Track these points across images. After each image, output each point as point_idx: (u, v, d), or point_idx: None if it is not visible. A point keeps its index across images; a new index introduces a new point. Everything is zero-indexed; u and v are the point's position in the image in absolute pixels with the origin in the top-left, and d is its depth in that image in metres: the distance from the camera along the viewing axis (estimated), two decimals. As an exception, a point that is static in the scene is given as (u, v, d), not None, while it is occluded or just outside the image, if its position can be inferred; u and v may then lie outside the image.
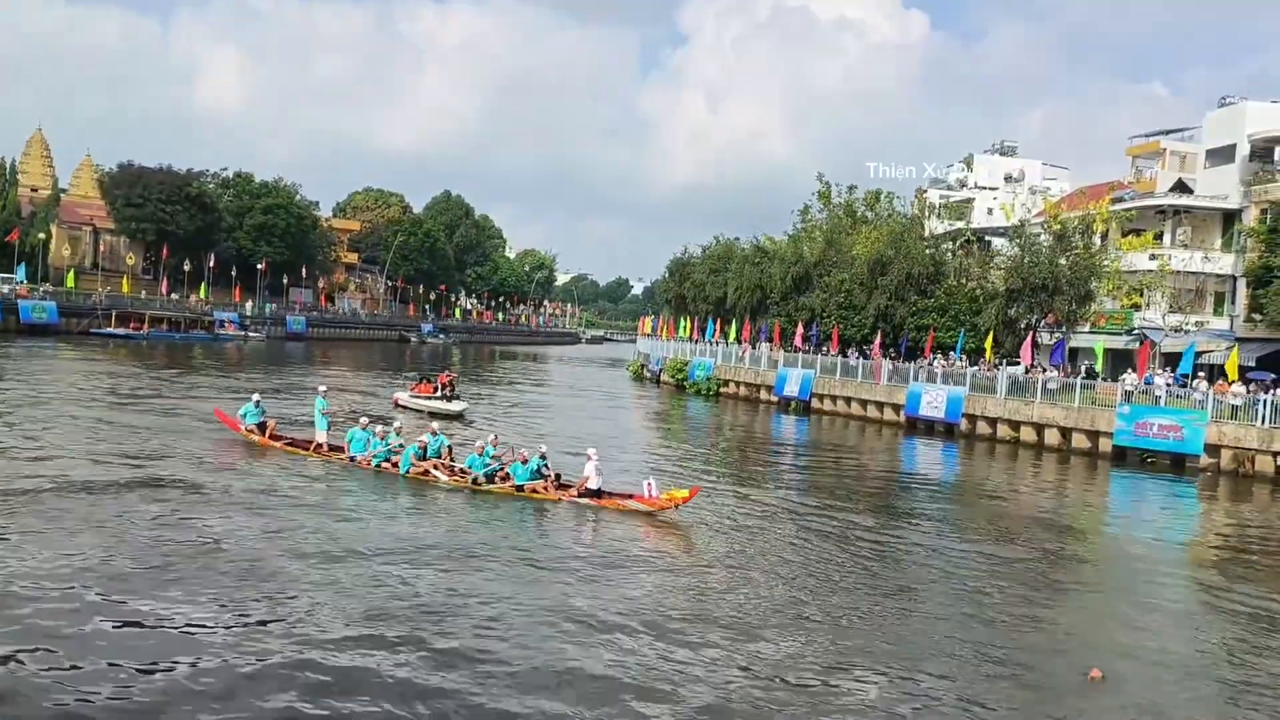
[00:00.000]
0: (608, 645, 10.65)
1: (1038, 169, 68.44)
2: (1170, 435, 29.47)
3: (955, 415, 35.79)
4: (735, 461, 27.81)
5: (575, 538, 15.94)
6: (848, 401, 41.95)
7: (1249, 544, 19.90)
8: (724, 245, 66.74)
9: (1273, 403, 28.37)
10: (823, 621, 12.23)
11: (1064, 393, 33.61)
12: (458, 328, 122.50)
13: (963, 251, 49.75)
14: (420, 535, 15.14)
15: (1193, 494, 26.29)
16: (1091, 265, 38.83)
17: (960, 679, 10.40)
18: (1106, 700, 10.05)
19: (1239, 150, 42.90)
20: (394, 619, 10.97)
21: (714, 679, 9.91)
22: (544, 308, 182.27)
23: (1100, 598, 15.00)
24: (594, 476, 17.91)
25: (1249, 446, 28.31)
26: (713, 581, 13.76)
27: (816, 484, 23.94)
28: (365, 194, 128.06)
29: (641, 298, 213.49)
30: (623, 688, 9.51)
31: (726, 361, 52.35)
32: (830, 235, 53.91)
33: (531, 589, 12.54)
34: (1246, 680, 11.00)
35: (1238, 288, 42.04)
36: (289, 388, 38.68)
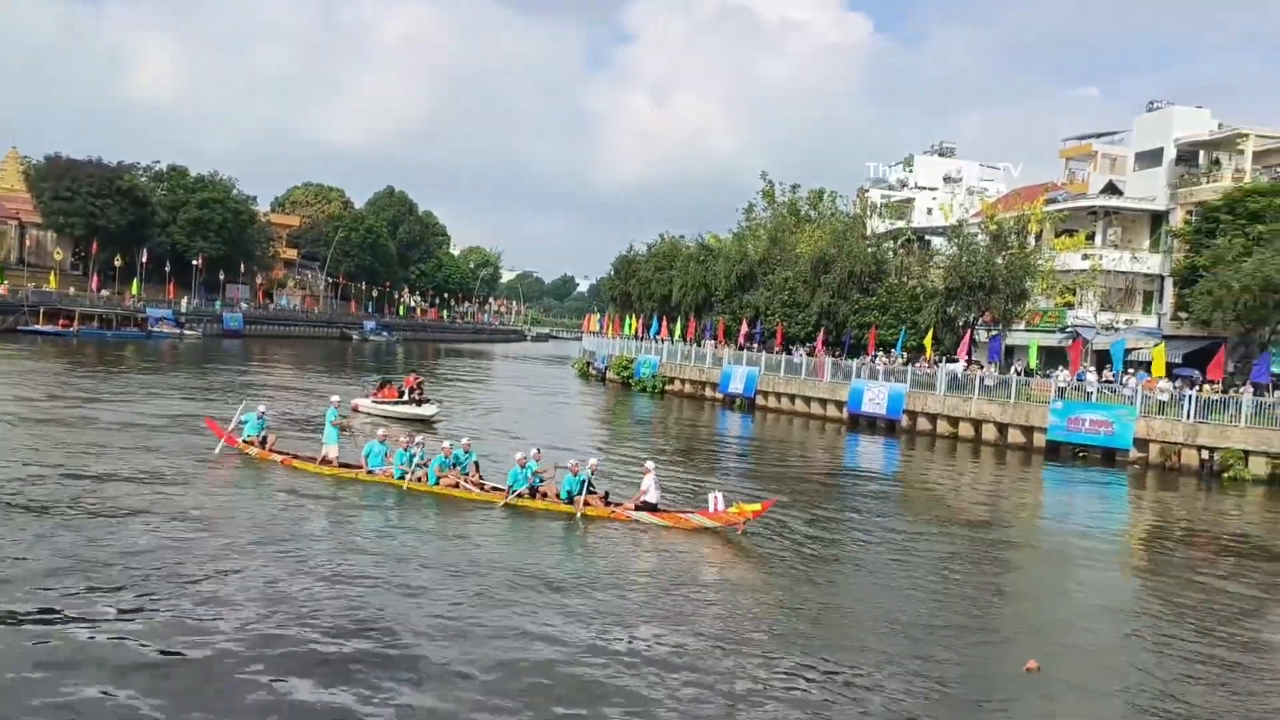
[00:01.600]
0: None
1: (975, 170, 69.82)
2: (1101, 430, 30.35)
3: (896, 412, 36.41)
4: (682, 459, 27.92)
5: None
6: (792, 399, 42.41)
7: (1176, 535, 20.60)
8: (669, 243, 66.95)
9: (1197, 398, 29.43)
10: (759, 615, 12.36)
11: (1000, 389, 34.41)
12: (401, 325, 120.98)
13: (903, 250, 50.62)
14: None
15: (1123, 487, 27.13)
16: (1026, 265, 39.79)
17: (898, 672, 10.58)
18: (1043, 690, 10.32)
19: (1166, 154, 44.30)
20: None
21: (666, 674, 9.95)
22: (489, 305, 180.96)
23: (1036, 589, 15.40)
24: (653, 490, 16.73)
25: (1175, 440, 29.29)
26: (668, 580, 13.81)
27: (760, 479, 24.14)
28: (305, 189, 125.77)
29: (587, 295, 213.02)
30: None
31: (672, 359, 52.54)
32: (774, 234, 54.41)
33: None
34: (1175, 667, 11.39)
35: (1165, 287, 43.42)
36: (229, 386, 37.85)
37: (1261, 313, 33.02)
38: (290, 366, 55.31)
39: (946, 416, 35.11)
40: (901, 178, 69.67)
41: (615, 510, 16.66)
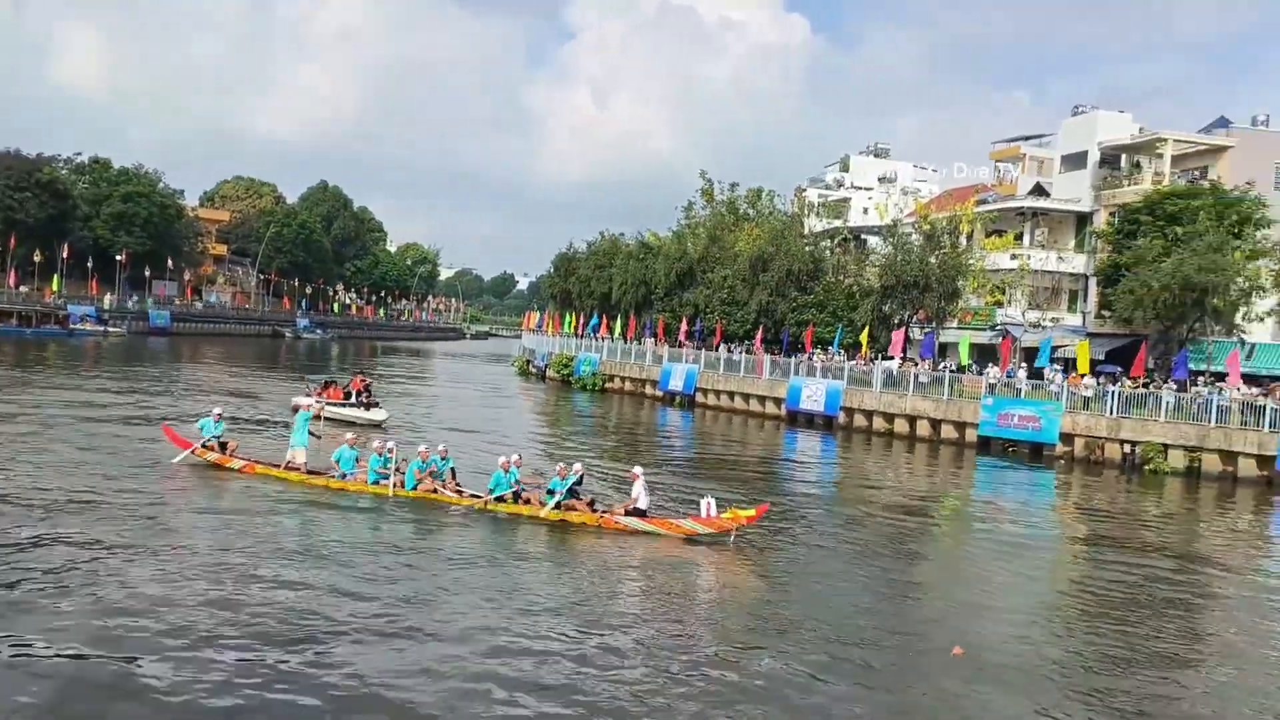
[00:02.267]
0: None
1: (909, 170, 71.21)
2: (1029, 425, 31.23)
3: (834, 408, 36.96)
4: (624, 454, 27.94)
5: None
6: (731, 396, 42.77)
7: (1099, 526, 21.30)
8: (609, 241, 66.98)
9: (1120, 394, 30.47)
10: (682, 606, 12.46)
11: (934, 386, 35.17)
12: (336, 323, 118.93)
13: (840, 249, 51.37)
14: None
15: (1049, 480, 27.97)
16: (958, 264, 40.71)
17: (827, 659, 10.79)
18: (968, 675, 10.60)
19: (1090, 157, 45.70)
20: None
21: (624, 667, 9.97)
22: (427, 303, 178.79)
23: (964, 579, 15.79)
24: (643, 496, 16.30)
25: (1099, 435, 30.29)
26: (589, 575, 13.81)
27: (700, 475, 24.28)
28: (235, 183, 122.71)
29: (527, 293, 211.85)
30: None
31: (612, 357, 52.56)
32: (713, 232, 54.77)
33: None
34: (1096, 650, 11.79)
35: (1089, 286, 44.81)
36: (160, 388, 36.80)
37: (1179, 311, 34.27)
38: (221, 366, 53.96)
39: (882, 413, 35.77)
40: (838, 178, 70.71)
41: (604, 517, 16.19)
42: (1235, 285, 33.87)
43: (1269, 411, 27.86)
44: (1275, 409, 27.86)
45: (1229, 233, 35.48)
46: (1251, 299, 34.52)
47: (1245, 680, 11.32)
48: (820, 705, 9.56)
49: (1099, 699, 10.18)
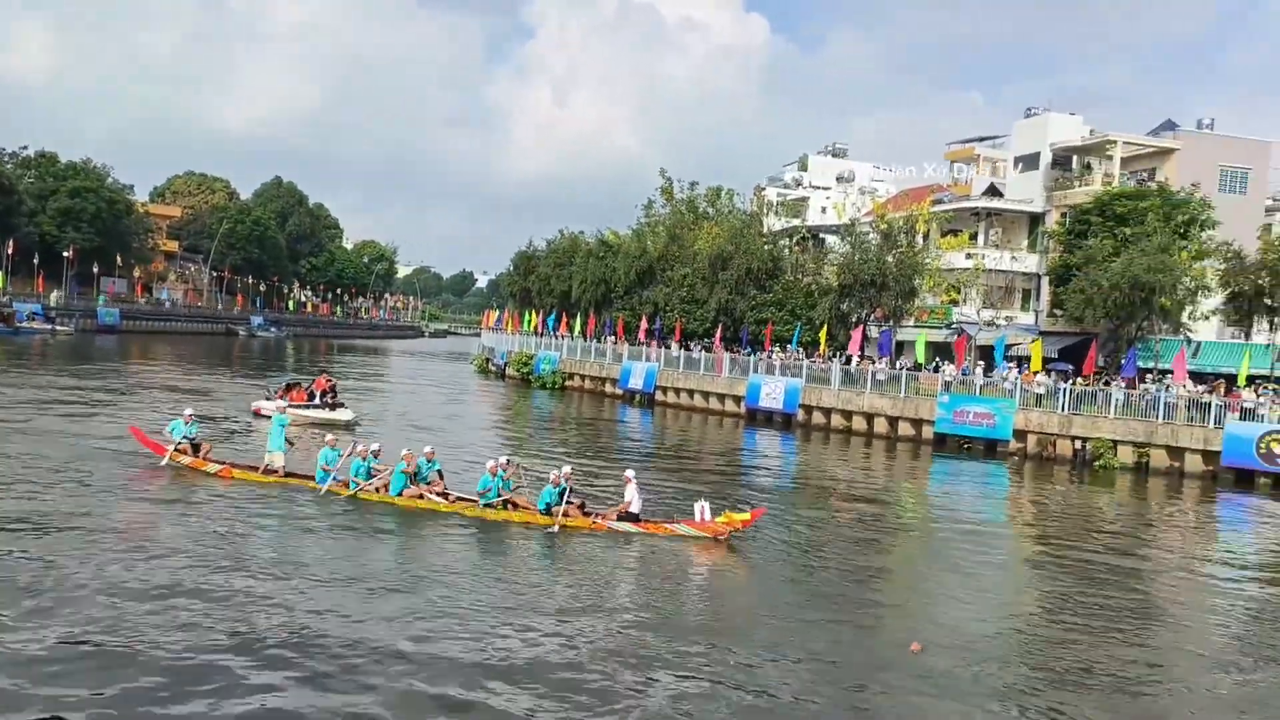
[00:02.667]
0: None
1: (867, 170, 71.96)
2: (984, 422, 31.73)
3: (793, 406, 37.22)
4: (585, 452, 27.90)
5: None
6: (690, 394, 42.88)
7: (1051, 521, 21.72)
8: (569, 239, 66.84)
9: (1071, 391, 31.08)
10: (640, 604, 12.49)
11: (891, 384, 35.57)
12: (291, 321, 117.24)
13: (799, 248, 51.77)
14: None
15: (1003, 476, 28.45)
16: (915, 263, 41.21)
17: (786, 655, 10.87)
18: (926, 670, 10.73)
19: (1043, 158, 46.55)
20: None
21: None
22: (385, 300, 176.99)
23: (921, 574, 16.02)
24: (635, 499, 16.04)
25: (1051, 431, 30.86)
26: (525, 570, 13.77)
27: (660, 472, 24.32)
28: (186, 178, 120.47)
29: (487, 291, 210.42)
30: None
31: (572, 355, 52.45)
32: (673, 230, 54.89)
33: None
34: (1050, 644, 12.01)
35: (1042, 285, 45.63)
36: (113, 387, 35.99)
37: (1128, 310, 35.02)
38: (173, 365, 52.91)
39: (840, 410, 36.10)
40: (796, 177, 71.23)
41: (596, 521, 15.93)
42: (1182, 285, 34.69)
43: (1214, 408, 28.59)
44: (1220, 406, 28.60)
45: (1176, 234, 36.35)
46: (1197, 298, 35.38)
47: (1190, 665, 11.60)
48: (776, 703, 9.61)
49: (1053, 691, 10.36)
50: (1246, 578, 17.13)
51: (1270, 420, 27.76)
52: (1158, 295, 34.02)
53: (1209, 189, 40.57)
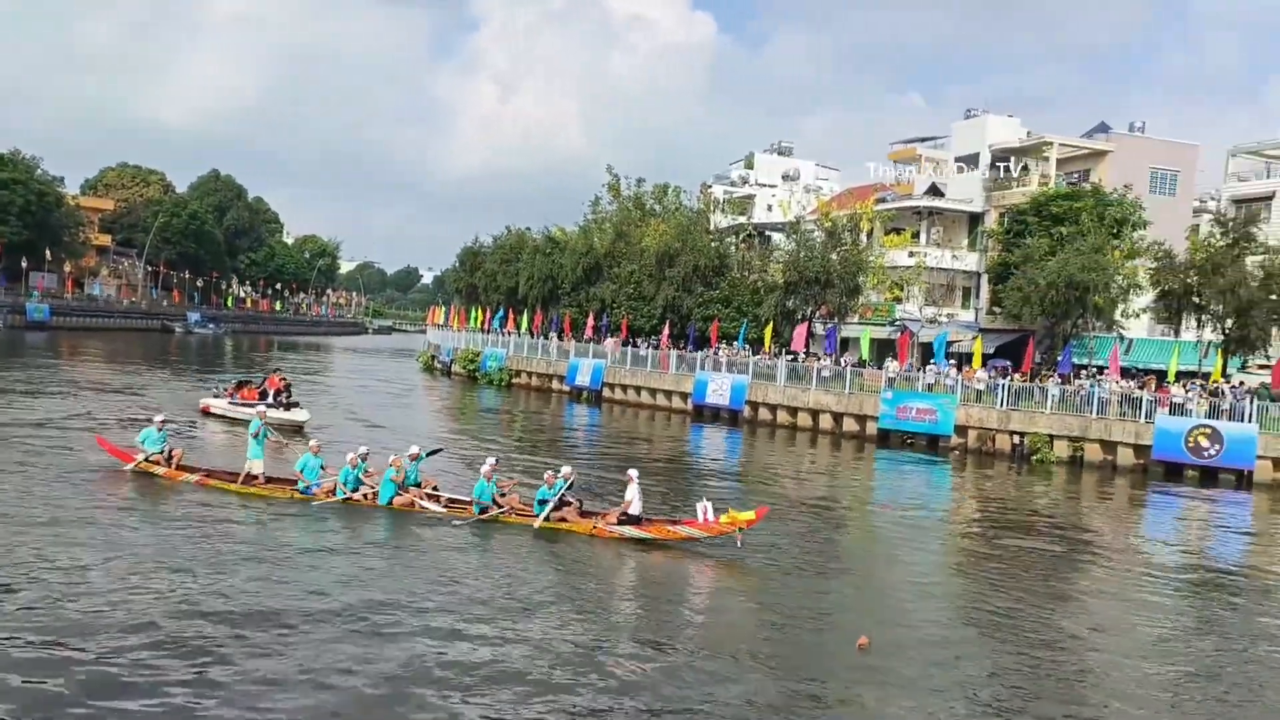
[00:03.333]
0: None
1: (811, 169, 72.67)
2: (926, 418, 32.32)
3: (739, 402, 37.50)
4: (530, 450, 27.80)
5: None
6: (637, 390, 42.95)
7: (991, 514, 22.20)
8: (516, 235, 66.48)
9: (1009, 387, 31.82)
10: (585, 605, 12.51)
11: (836, 380, 36.04)
12: (230, 317, 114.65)
13: (745, 245, 52.12)
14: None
15: (945, 470, 29.01)
16: (859, 261, 41.76)
17: (730, 653, 10.96)
18: (873, 665, 10.90)
19: (982, 159, 47.53)
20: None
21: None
22: (327, 296, 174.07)
23: (866, 568, 16.26)
24: (636, 501, 15.72)
25: (990, 426, 31.56)
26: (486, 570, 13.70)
27: (606, 469, 24.34)
28: (120, 170, 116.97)
29: (432, 287, 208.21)
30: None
31: (519, 352, 52.18)
32: (620, 227, 54.89)
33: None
34: (992, 634, 12.29)
35: (981, 283, 46.61)
36: (46, 387, 34.81)
37: (1064, 307, 35.88)
38: (107, 362, 51.42)
39: (786, 407, 36.47)
40: (743, 175, 71.64)
41: (597, 525, 15.63)
42: (1114, 284, 35.66)
43: (1145, 403, 29.50)
44: (1150, 401, 29.51)
45: (1109, 233, 37.37)
46: (1129, 297, 36.42)
47: (1121, 652, 11.96)
48: (722, 700, 9.68)
49: (994, 681, 10.60)
50: (1175, 566, 17.72)
51: (1198, 415, 28.74)
52: (1092, 293, 34.93)
53: (1140, 190, 41.80)
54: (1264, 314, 33.21)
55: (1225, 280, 33.18)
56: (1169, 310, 36.10)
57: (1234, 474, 27.90)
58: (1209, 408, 28.92)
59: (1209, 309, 34.39)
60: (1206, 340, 35.81)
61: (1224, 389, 30.70)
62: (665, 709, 9.29)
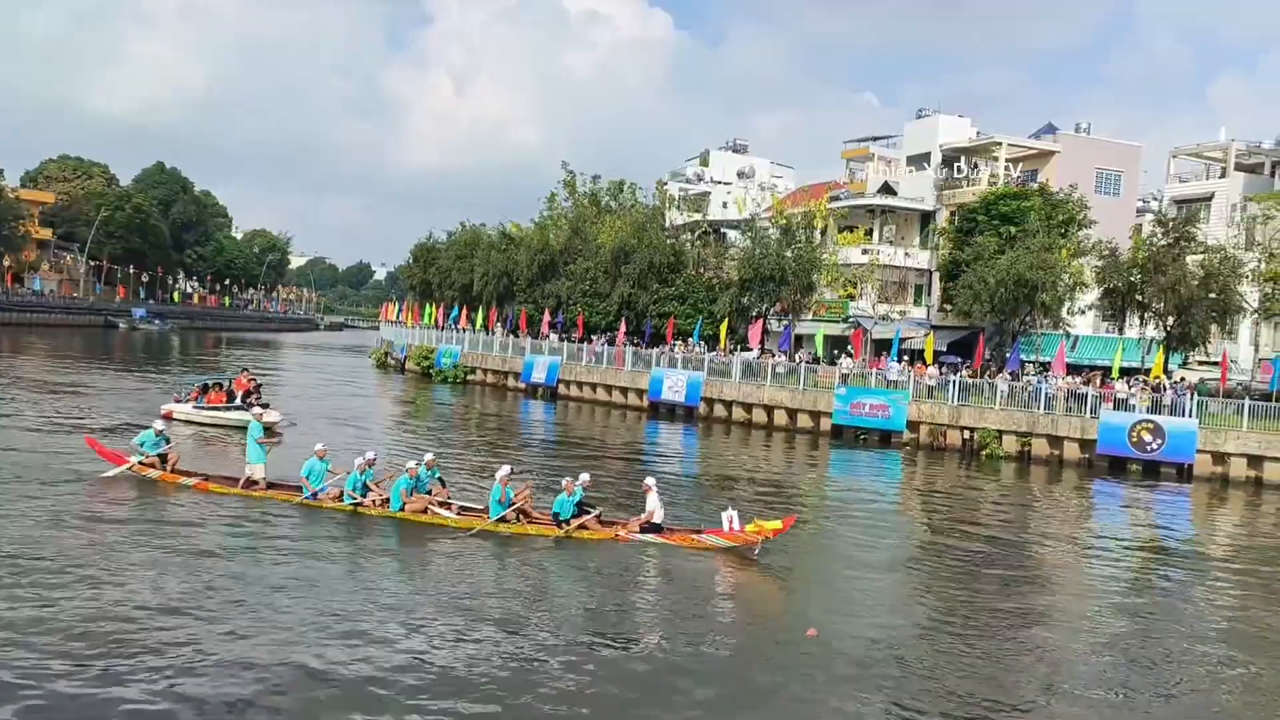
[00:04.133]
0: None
1: (766, 166, 73.12)
2: (879, 414, 32.72)
3: (695, 399, 37.64)
4: (487, 447, 27.61)
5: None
6: (593, 387, 42.90)
7: (940, 507, 22.54)
8: (470, 231, 66.02)
9: (960, 383, 32.35)
10: (533, 597, 12.49)
11: (790, 376, 36.33)
12: (176, 313, 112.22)
13: (700, 242, 52.31)
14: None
15: (897, 465, 29.39)
16: (813, 258, 42.15)
17: (681, 643, 11.03)
18: (821, 654, 11.05)
19: (933, 158, 48.24)
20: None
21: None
22: (277, 292, 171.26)
23: (817, 560, 16.41)
24: (658, 509, 15.47)
25: (941, 422, 32.06)
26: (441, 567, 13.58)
27: (560, 466, 24.25)
28: (61, 163, 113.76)
29: (385, 283, 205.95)
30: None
31: (474, 349, 51.82)
32: (576, 224, 54.77)
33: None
34: (940, 622, 12.47)
35: (933, 281, 47.30)
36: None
37: (1013, 305, 36.58)
38: (47, 360, 50.06)
39: (741, 403, 36.68)
40: (698, 172, 71.88)
41: (619, 534, 15.32)
42: (1061, 282, 36.41)
43: (1090, 399, 30.18)
44: (1095, 397, 30.19)
45: (1056, 232, 38.14)
46: (1075, 294, 37.21)
47: (1067, 641, 12.22)
48: (674, 690, 9.70)
49: (942, 670, 10.76)
50: (1117, 558, 18.16)
51: (1141, 410, 29.46)
52: (1040, 291, 35.62)
53: (1086, 189, 42.72)
54: (1203, 312, 34.14)
55: (1166, 279, 34.04)
56: (1113, 308, 36.94)
57: (1175, 468, 28.65)
58: (1151, 403, 29.67)
59: (1151, 307, 35.26)
60: (1149, 337, 36.73)
61: (1165, 385, 31.52)
62: (621, 695, 9.28)
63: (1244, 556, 19.02)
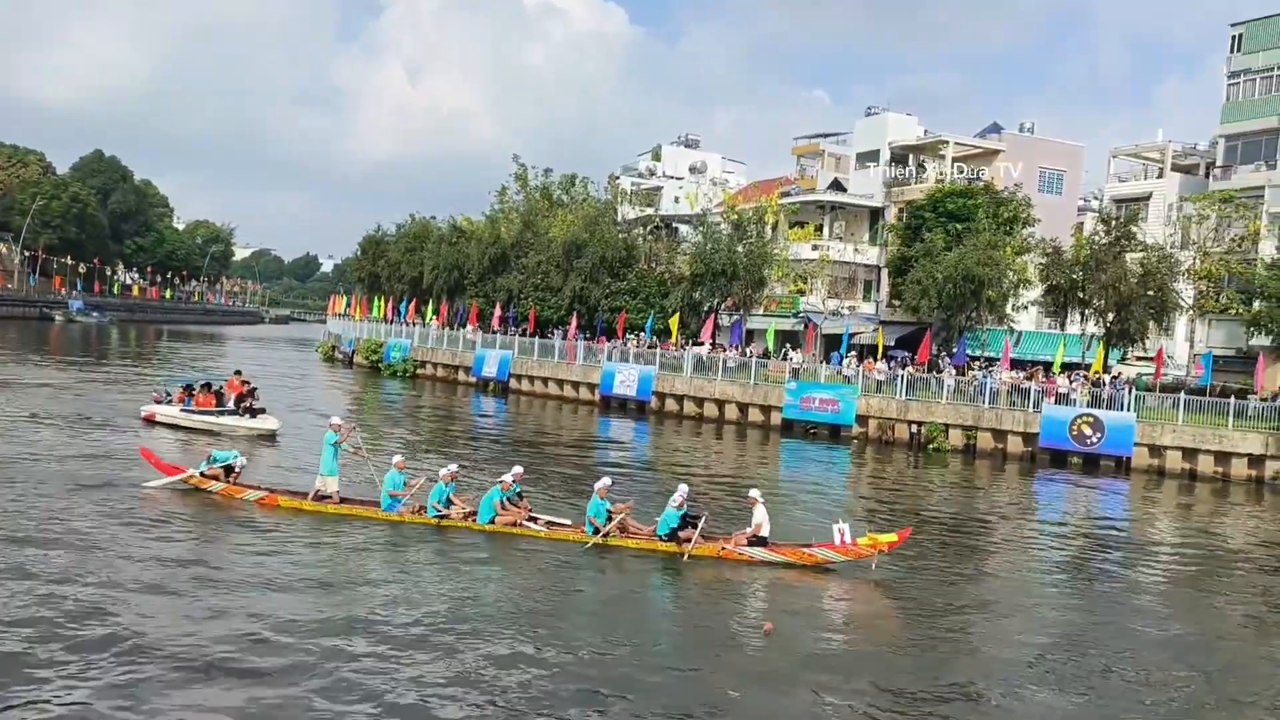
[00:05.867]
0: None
1: (718, 162, 73.40)
2: (829, 408, 33.06)
3: (646, 393, 37.68)
4: (437, 443, 27.32)
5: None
6: (545, 381, 42.73)
7: (887, 500, 22.83)
8: (420, 223, 65.29)
9: (907, 378, 32.81)
10: (499, 593, 12.39)
11: (741, 371, 36.54)
12: (115, 305, 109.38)
13: (652, 237, 52.35)
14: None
15: (845, 459, 29.73)
16: (764, 253, 42.43)
17: (637, 642, 11.02)
18: (777, 647, 11.14)
19: (882, 156, 48.82)
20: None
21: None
22: (221, 284, 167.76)
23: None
24: (765, 523, 14.84)
25: (890, 416, 32.49)
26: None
27: (520, 461, 24.07)
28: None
29: (333, 276, 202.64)
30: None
31: (423, 343, 51.28)
32: (527, 217, 54.47)
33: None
34: (893, 614, 12.64)
35: (881, 277, 47.91)
36: None
37: (959, 301, 37.21)
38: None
39: (693, 397, 36.81)
40: (650, 166, 71.88)
41: (725, 548, 14.71)
42: (1006, 278, 37.11)
43: (1032, 393, 30.82)
44: (1038, 391, 30.84)
45: (1002, 230, 38.85)
46: (1019, 291, 37.96)
47: (1012, 628, 12.46)
48: (634, 684, 9.70)
49: (890, 659, 10.91)
50: (1058, 547, 18.56)
51: (1081, 404, 30.16)
52: (985, 288, 36.27)
53: (1030, 188, 43.61)
54: (1142, 308, 35.03)
55: (1107, 276, 34.87)
56: (1055, 304, 37.73)
57: (1114, 460, 29.39)
58: (1091, 398, 30.39)
59: (1092, 304, 36.09)
60: (1089, 333, 37.60)
61: (1105, 380, 32.30)
62: (577, 692, 9.25)
63: (1177, 546, 19.58)
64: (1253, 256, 37.66)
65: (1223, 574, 17.21)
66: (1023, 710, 9.87)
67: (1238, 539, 20.89)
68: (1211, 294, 37.54)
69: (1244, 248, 38.54)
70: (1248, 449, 28.31)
